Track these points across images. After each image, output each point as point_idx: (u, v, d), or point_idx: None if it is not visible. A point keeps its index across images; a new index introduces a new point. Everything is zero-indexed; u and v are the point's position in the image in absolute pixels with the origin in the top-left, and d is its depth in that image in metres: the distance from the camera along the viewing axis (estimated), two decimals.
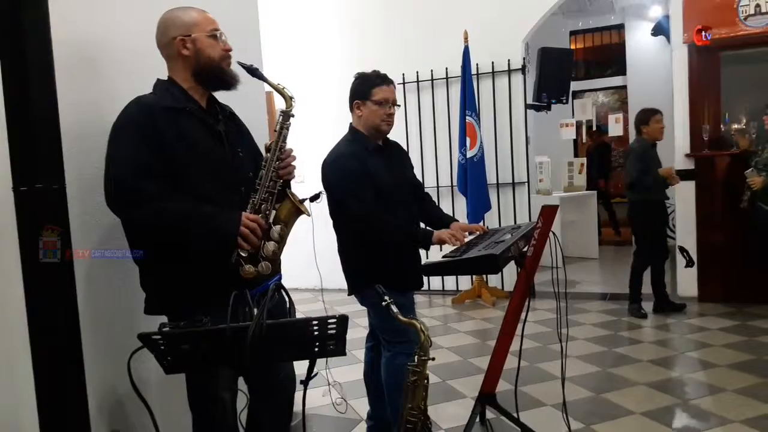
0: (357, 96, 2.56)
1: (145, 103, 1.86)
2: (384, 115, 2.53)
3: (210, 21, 1.96)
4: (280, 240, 1.90)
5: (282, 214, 1.95)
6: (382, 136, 2.63)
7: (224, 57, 1.97)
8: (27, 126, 1.46)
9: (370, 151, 2.54)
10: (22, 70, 1.45)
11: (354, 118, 2.61)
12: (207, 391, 1.92)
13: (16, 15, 1.43)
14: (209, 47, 1.93)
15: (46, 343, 1.47)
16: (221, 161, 1.93)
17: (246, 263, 1.82)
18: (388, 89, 2.55)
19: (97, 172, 2.00)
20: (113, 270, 2.10)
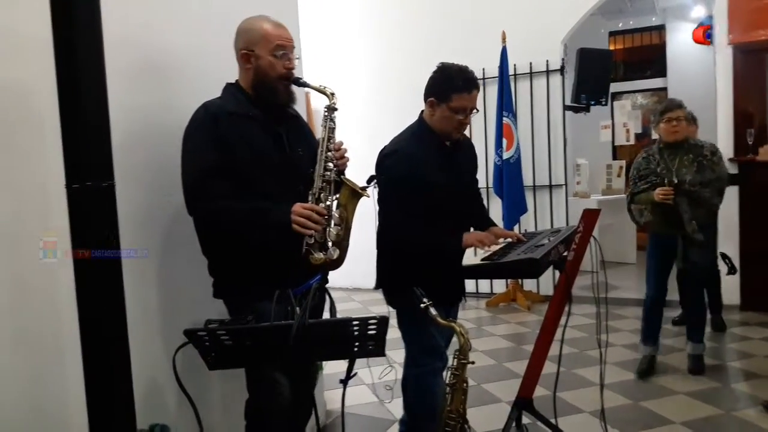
0: (434, 94, 2.36)
1: (210, 108, 1.98)
2: (457, 122, 2.35)
3: (278, 38, 2.02)
4: (341, 223, 1.98)
5: (342, 199, 2.04)
6: (447, 140, 2.46)
7: (284, 75, 2.03)
8: (79, 126, 1.49)
9: (434, 149, 2.40)
10: (75, 73, 1.48)
11: (426, 110, 2.45)
12: (262, 374, 1.99)
13: (69, 21, 1.47)
14: (269, 67, 2.01)
15: (94, 335, 1.50)
16: (281, 162, 2.03)
17: (315, 251, 1.89)
18: (470, 97, 2.34)
19: (142, 171, 2.05)
20: (161, 265, 2.14)
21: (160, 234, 2.16)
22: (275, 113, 2.09)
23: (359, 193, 2.06)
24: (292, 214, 1.88)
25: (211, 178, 1.91)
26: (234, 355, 1.52)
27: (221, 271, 2.05)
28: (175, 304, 2.18)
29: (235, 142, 1.94)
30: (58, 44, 1.47)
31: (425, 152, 2.35)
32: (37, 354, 1.76)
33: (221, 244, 2.01)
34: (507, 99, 5.48)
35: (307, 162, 2.09)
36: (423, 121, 2.45)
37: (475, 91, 2.37)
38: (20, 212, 1.73)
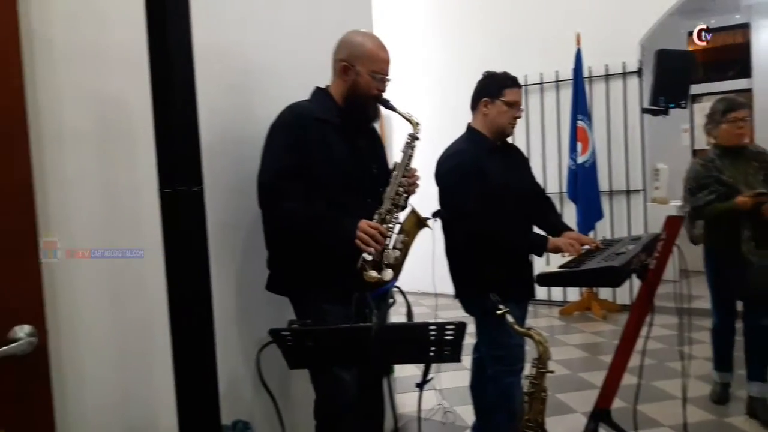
0: (486, 94, 2.53)
1: (297, 110, 2.05)
2: (511, 117, 2.51)
3: (381, 61, 2.10)
4: (402, 248, 2.00)
5: (406, 225, 2.09)
6: (503, 138, 2.60)
7: (375, 96, 2.11)
8: (171, 134, 1.57)
9: (487, 151, 2.51)
10: (168, 86, 1.57)
11: (477, 117, 2.58)
12: (329, 372, 2.03)
13: (163, 38, 1.55)
14: (365, 85, 2.09)
15: (183, 334, 1.58)
16: (355, 173, 2.08)
17: (370, 268, 1.90)
18: (518, 92, 2.55)
19: (225, 177, 2.13)
20: (241, 267, 2.22)
21: (241, 237, 2.24)
22: (357, 126, 2.16)
23: (423, 224, 2.14)
24: (357, 230, 1.93)
25: (287, 178, 1.97)
26: (314, 355, 1.56)
27: (281, 267, 2.12)
28: (254, 305, 2.25)
29: (316, 146, 2.00)
30: (153, 59, 1.55)
31: (479, 151, 2.49)
32: (128, 351, 1.86)
33: (286, 242, 2.07)
34: (581, 102, 5.35)
35: (378, 179, 2.17)
36: (473, 129, 2.59)
37: (520, 89, 2.57)
38: (115, 217, 1.83)
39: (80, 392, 1.72)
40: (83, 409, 1.73)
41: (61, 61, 1.72)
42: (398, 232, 2.06)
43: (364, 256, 1.93)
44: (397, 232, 2.06)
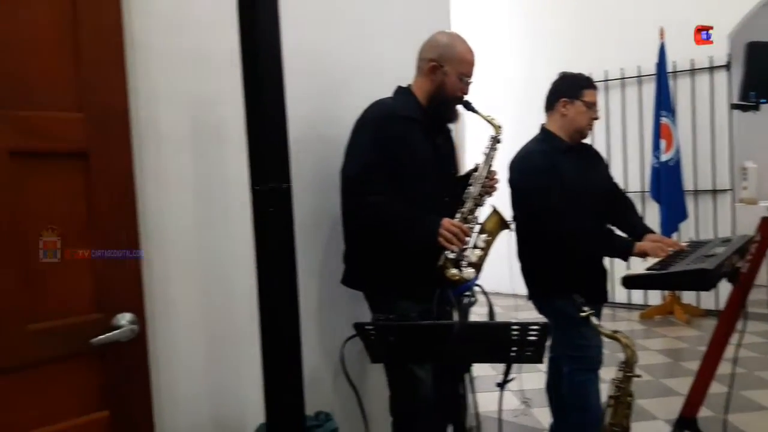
0: (564, 95, 2.51)
1: (383, 107, 2.10)
2: (590, 118, 2.49)
3: (469, 64, 2.13)
4: (485, 248, 2.01)
5: (488, 226, 2.10)
6: (580, 139, 2.56)
7: (459, 98, 2.15)
8: (262, 134, 1.64)
9: (561, 151, 2.49)
10: (259, 88, 1.63)
11: (553, 118, 2.55)
12: (404, 369, 2.05)
13: (254, 42, 1.62)
14: (452, 86, 2.12)
15: (271, 325, 1.64)
16: (435, 171, 2.11)
17: (451, 267, 1.91)
18: (596, 93, 2.53)
19: (309, 176, 2.19)
20: (323, 263, 2.28)
21: (321, 234, 2.29)
22: (438, 125, 2.20)
23: (506, 225, 2.16)
24: (440, 227, 1.95)
25: (372, 172, 2.01)
26: (396, 349, 1.58)
27: (357, 262, 2.16)
28: (332, 300, 2.30)
29: (400, 143, 2.04)
30: (245, 62, 1.62)
31: (553, 151, 2.47)
32: (216, 341, 1.95)
33: (365, 237, 2.10)
34: (665, 98, 5.14)
35: (454, 177, 2.21)
36: (546, 130, 2.57)
37: (597, 91, 2.56)
38: (207, 213, 1.93)
39: (172, 379, 1.82)
40: (175, 394, 1.82)
41: (159, 66, 1.82)
42: (480, 231, 2.08)
43: (446, 254, 1.94)
44: (479, 231, 2.08)
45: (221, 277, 1.96)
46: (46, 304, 1.45)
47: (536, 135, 2.60)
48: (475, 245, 2.04)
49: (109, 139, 1.55)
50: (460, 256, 1.98)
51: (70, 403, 1.50)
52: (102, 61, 1.54)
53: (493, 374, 2.96)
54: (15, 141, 1.39)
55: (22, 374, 1.42)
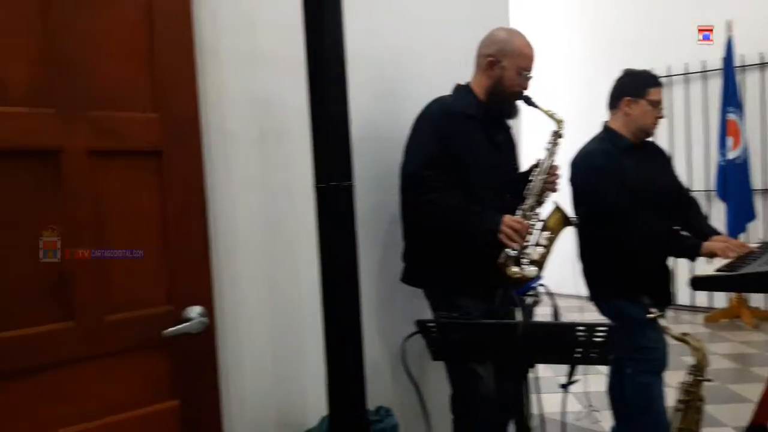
0: (628, 93, 2.45)
1: (443, 105, 2.10)
2: (655, 116, 2.43)
3: (527, 58, 2.12)
4: (548, 245, 1.99)
5: (550, 223, 2.08)
6: (644, 137, 2.49)
7: (518, 93, 2.13)
8: (326, 134, 1.67)
9: (623, 149, 2.43)
10: (323, 89, 1.66)
11: (616, 117, 2.49)
12: (465, 367, 2.05)
13: (320, 44, 1.65)
14: (510, 81, 2.11)
15: (334, 320, 1.67)
16: (495, 167, 2.10)
17: (512, 264, 1.90)
18: (661, 91, 2.46)
19: (369, 173, 2.21)
20: (382, 260, 2.30)
21: (380, 232, 2.31)
22: (498, 121, 2.18)
23: (568, 221, 2.13)
24: (501, 224, 1.93)
25: (431, 170, 2.01)
26: (457, 348, 1.58)
27: (417, 259, 2.16)
28: (391, 297, 2.32)
29: (459, 140, 2.04)
30: (310, 65, 1.66)
31: (615, 150, 2.42)
32: (281, 334, 2.00)
33: (425, 234, 2.10)
34: (732, 93, 4.94)
35: (515, 174, 2.20)
36: (609, 128, 2.51)
37: (662, 89, 2.49)
38: (272, 211, 1.97)
39: (238, 370, 1.88)
40: (241, 385, 1.88)
41: (226, 68, 1.87)
42: (542, 229, 2.06)
43: (506, 252, 1.93)
44: (541, 228, 2.06)
45: (286, 272, 2.01)
46: (121, 296, 1.52)
47: (598, 133, 2.55)
48: (537, 242, 2.01)
49: (181, 138, 1.61)
50: (522, 254, 1.96)
51: (143, 392, 1.56)
52: (175, 63, 1.60)
53: (551, 376, 2.92)
54: (93, 140, 1.46)
55: (100, 363, 1.49)
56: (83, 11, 1.44)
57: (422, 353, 2.03)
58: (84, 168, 1.44)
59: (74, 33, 1.43)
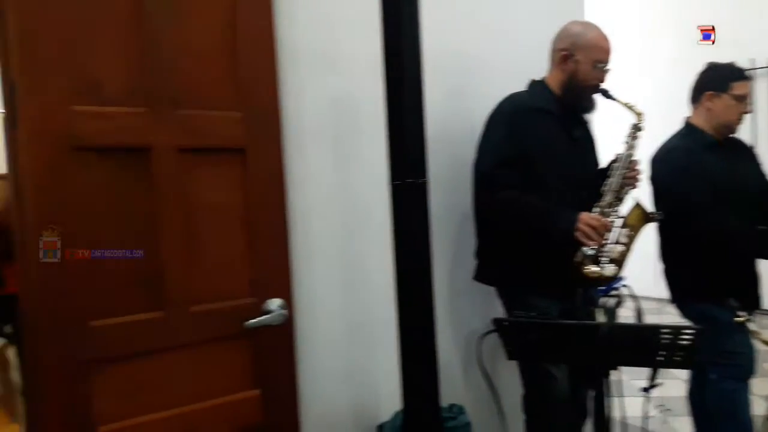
0: (711, 87, 2.33)
1: (516, 101, 2.07)
2: (740, 112, 2.32)
3: (602, 51, 2.07)
4: (627, 243, 1.93)
5: (630, 220, 2.01)
6: (728, 134, 2.38)
7: (595, 86, 2.08)
8: (401, 131, 1.68)
9: (706, 146, 2.32)
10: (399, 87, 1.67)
11: (698, 112, 2.38)
12: (540, 368, 2.02)
13: (396, 40, 1.66)
14: (585, 74, 2.06)
15: (408, 315, 1.68)
16: (571, 164, 2.06)
17: (590, 263, 1.86)
18: (747, 85, 2.34)
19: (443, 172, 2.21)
20: (454, 258, 2.29)
21: (452, 230, 2.31)
22: (574, 116, 2.14)
23: (649, 218, 2.06)
24: (578, 222, 1.89)
25: (505, 167, 1.98)
26: (535, 348, 1.56)
27: (490, 257, 2.13)
28: (462, 295, 2.31)
29: (534, 137, 2.01)
30: (387, 62, 1.67)
31: (698, 147, 2.32)
32: (354, 325, 2.03)
33: (498, 232, 2.08)
34: None
35: (593, 170, 2.14)
36: (690, 125, 2.41)
37: (749, 82, 2.37)
38: (349, 208, 2.01)
39: (313, 363, 1.92)
40: (316, 377, 1.92)
41: (303, 67, 1.91)
42: (621, 226, 1.99)
43: (583, 250, 1.89)
44: (620, 226, 1.99)
45: (360, 268, 2.04)
46: (206, 287, 1.58)
47: (680, 129, 2.45)
48: (616, 240, 1.95)
49: (263, 136, 1.67)
50: (600, 252, 1.91)
51: (226, 381, 1.63)
52: (257, 64, 1.66)
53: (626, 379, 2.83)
54: (183, 138, 1.53)
55: (186, 352, 1.57)
56: (173, 15, 1.51)
57: (493, 352, 2.02)
58: (173, 164, 1.51)
59: (165, 36, 1.50)
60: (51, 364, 1.39)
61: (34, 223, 1.36)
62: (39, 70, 1.35)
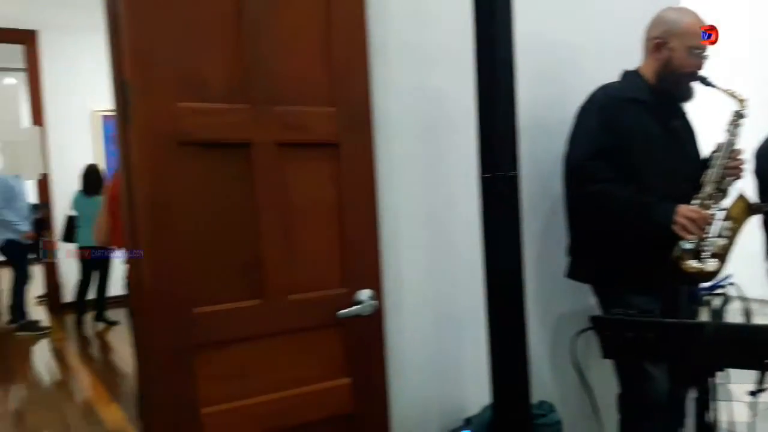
0: None
1: (609, 91, 2.01)
2: None
3: (698, 36, 1.98)
4: (730, 236, 1.82)
5: (733, 212, 1.91)
6: None
7: (692, 73, 1.99)
8: (493, 124, 1.66)
9: None
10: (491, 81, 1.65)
11: None
12: (638, 367, 1.96)
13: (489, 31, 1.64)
14: (681, 61, 1.98)
15: (497, 310, 1.67)
16: (669, 156, 1.98)
17: (689, 258, 1.77)
18: None
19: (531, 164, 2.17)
20: (539, 252, 2.25)
21: (542, 224, 2.26)
22: (671, 106, 2.05)
23: (754, 209, 1.94)
24: (676, 215, 1.81)
25: (598, 159, 1.93)
26: (633, 347, 1.51)
27: (584, 253, 2.07)
28: (549, 290, 2.26)
29: (629, 128, 1.94)
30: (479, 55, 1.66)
31: None
32: (441, 315, 2.03)
33: (593, 227, 2.02)
34: None
35: (693, 162, 2.05)
36: None
37: None
38: (437, 201, 2.01)
39: (401, 353, 1.93)
40: (403, 367, 1.94)
41: (394, 61, 1.92)
42: (724, 218, 1.89)
43: (682, 245, 1.81)
44: (723, 218, 1.89)
45: (447, 261, 2.03)
46: (302, 277, 1.63)
47: None
48: (718, 234, 1.86)
49: (356, 130, 1.69)
50: (700, 246, 1.82)
51: (320, 368, 1.67)
52: (350, 59, 1.68)
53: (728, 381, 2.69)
54: (280, 133, 1.58)
55: (283, 339, 1.62)
56: (271, 12, 1.56)
57: (584, 349, 1.98)
58: (271, 159, 1.57)
59: (263, 34, 1.55)
60: (160, 349, 1.47)
61: (143, 215, 1.45)
62: (149, 69, 1.43)
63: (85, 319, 6.11)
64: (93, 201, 5.65)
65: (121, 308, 6.05)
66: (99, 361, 5.19)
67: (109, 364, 5.15)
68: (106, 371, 4.89)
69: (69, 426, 3.68)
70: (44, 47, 6.47)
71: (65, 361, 5.16)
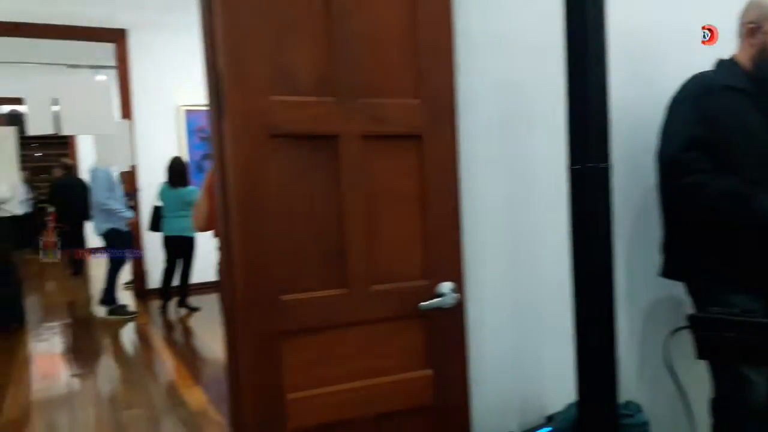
0: None
1: (703, 80, 1.93)
2: None
3: None
4: None
5: None
6: None
7: None
8: (583, 112, 1.61)
9: None
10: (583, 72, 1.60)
11: None
12: (735, 370, 1.88)
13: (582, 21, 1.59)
14: None
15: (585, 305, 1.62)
16: None
17: None
18: None
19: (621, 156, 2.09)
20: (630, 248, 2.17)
21: (630, 219, 2.18)
22: None
23: None
24: None
25: (693, 151, 1.85)
26: (733, 348, 1.44)
27: (680, 250, 1.99)
28: (637, 287, 2.18)
29: (725, 117, 1.86)
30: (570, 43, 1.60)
31: None
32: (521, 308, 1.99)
33: (689, 222, 1.93)
34: None
35: None
36: None
37: None
38: (518, 194, 1.97)
39: (482, 345, 1.91)
40: (483, 361, 1.92)
41: (478, 51, 1.90)
42: None
43: None
44: None
45: (529, 254, 2.00)
46: (385, 268, 1.64)
47: None
48: None
49: (439, 122, 1.69)
50: None
51: (402, 359, 1.68)
52: (435, 51, 1.68)
53: None
54: (367, 126, 1.60)
55: (366, 329, 1.64)
56: (357, 7, 1.57)
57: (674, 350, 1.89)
58: (357, 151, 1.58)
59: (350, 28, 1.57)
60: (249, 334, 1.52)
61: (237, 206, 1.49)
62: (243, 62, 1.47)
63: (168, 305, 6.40)
64: (177, 192, 5.92)
65: (203, 295, 6.31)
66: (182, 346, 5.43)
67: (191, 349, 5.38)
68: (189, 355, 5.11)
69: (155, 406, 3.88)
70: (133, 46, 6.80)
71: (150, 345, 5.43)
